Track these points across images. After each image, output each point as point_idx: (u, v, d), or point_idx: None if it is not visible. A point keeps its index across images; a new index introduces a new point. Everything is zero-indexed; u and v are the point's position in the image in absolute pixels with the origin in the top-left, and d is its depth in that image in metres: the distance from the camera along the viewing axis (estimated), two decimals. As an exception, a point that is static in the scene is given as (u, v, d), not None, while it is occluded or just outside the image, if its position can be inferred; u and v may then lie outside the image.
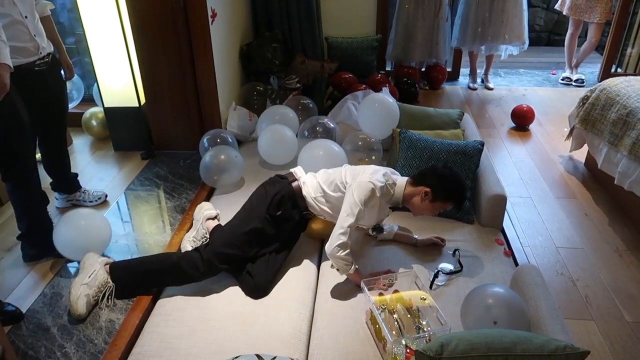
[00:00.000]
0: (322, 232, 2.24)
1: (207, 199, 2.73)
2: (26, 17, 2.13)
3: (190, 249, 2.12)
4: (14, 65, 2.10)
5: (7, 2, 2.05)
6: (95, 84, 3.27)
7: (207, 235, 2.21)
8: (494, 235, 2.29)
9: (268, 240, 2.04)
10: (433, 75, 4.74)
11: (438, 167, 2.01)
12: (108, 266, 2.03)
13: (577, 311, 2.20)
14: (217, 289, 1.98)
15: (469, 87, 4.82)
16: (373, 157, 2.79)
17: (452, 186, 1.92)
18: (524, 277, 1.79)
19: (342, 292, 1.95)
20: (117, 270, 2.02)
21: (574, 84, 4.87)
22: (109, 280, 2.00)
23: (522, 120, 4.02)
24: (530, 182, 3.22)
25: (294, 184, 2.09)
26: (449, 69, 4.92)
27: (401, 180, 1.98)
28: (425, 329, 1.67)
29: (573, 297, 2.27)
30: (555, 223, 2.80)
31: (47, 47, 2.30)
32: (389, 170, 2.02)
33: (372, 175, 1.92)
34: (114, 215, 2.69)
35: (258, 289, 1.95)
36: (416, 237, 2.18)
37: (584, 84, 4.82)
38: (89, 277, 1.97)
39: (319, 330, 1.80)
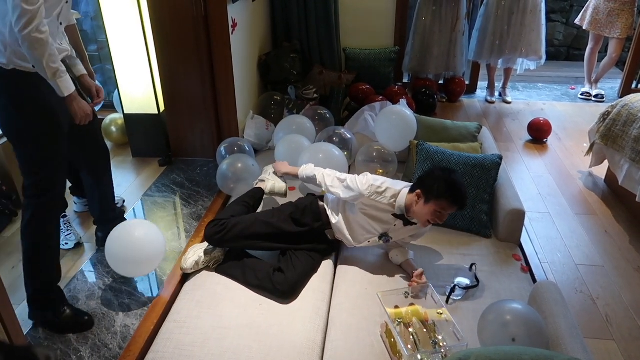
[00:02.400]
0: None
1: (223, 206, 2.74)
2: (61, 23, 2.15)
3: (197, 259, 2.12)
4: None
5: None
6: (116, 91, 3.32)
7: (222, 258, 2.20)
8: (511, 250, 2.26)
9: (287, 238, 2.11)
10: (451, 87, 4.73)
11: (427, 169, 1.97)
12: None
13: (597, 330, 2.15)
14: (232, 297, 1.98)
15: (487, 101, 4.80)
16: (391, 169, 2.78)
17: (440, 181, 1.85)
18: (542, 294, 1.76)
19: (357, 303, 1.93)
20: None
21: (593, 99, 4.82)
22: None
23: (539, 133, 3.99)
24: (549, 197, 3.18)
25: (321, 202, 2.19)
26: (466, 82, 4.90)
27: (405, 190, 1.96)
28: (441, 344, 1.65)
29: (593, 316, 2.23)
30: (575, 240, 2.75)
31: (68, 51, 2.32)
32: (391, 180, 2.02)
33: (370, 181, 1.98)
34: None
35: (290, 286, 1.95)
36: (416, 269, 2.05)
37: (604, 99, 4.76)
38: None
39: (333, 342, 1.79)
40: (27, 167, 1.91)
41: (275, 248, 2.14)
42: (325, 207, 2.18)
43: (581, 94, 4.91)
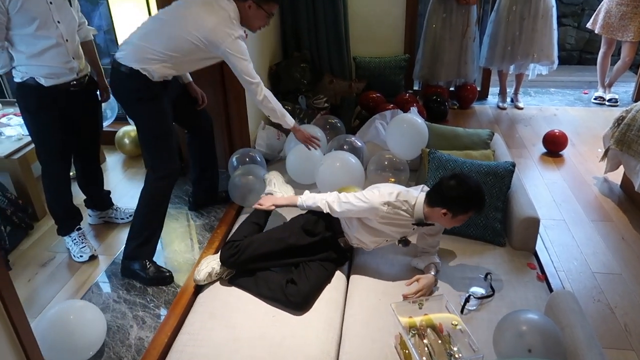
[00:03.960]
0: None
1: (236, 217, 2.75)
2: (67, 40, 2.22)
3: (210, 270, 2.12)
4: (51, 85, 2.18)
5: (51, 26, 2.14)
6: (129, 104, 3.35)
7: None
8: (526, 258, 2.23)
9: (300, 251, 2.10)
10: (463, 94, 4.70)
11: (445, 184, 1.91)
12: None
13: (615, 340, 2.11)
14: (245, 309, 1.98)
15: (499, 107, 4.77)
16: (403, 178, 2.77)
17: (465, 200, 1.88)
18: (559, 304, 1.73)
19: (371, 314, 1.92)
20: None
21: (607, 103, 4.76)
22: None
23: (555, 145, 3.84)
24: (564, 204, 3.14)
25: None
26: (478, 88, 4.87)
27: (420, 200, 1.96)
28: (456, 356, 1.63)
29: (611, 326, 2.19)
30: (591, 247, 2.71)
31: (84, 69, 2.38)
32: (404, 190, 2.00)
33: (384, 197, 1.95)
34: (144, 232, 2.73)
35: (302, 297, 1.95)
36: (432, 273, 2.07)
37: (618, 103, 4.71)
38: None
39: (346, 354, 1.77)
40: (149, 152, 2.39)
41: (289, 263, 2.12)
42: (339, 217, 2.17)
43: (594, 99, 4.86)
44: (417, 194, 1.98)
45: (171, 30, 2.16)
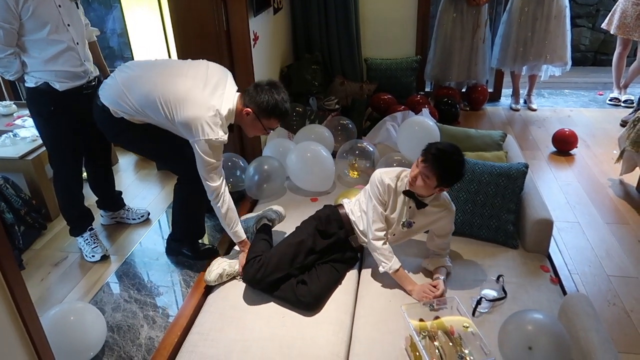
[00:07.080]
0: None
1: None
2: (77, 43, 2.24)
3: (221, 271, 2.13)
4: (65, 89, 2.22)
5: (62, 30, 2.16)
6: (141, 105, 3.38)
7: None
8: (539, 261, 2.20)
9: (317, 253, 2.10)
10: (474, 95, 4.67)
11: None
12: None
13: (631, 345, 2.07)
14: (254, 310, 1.98)
15: (512, 108, 4.72)
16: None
17: (428, 146, 1.92)
18: (573, 307, 1.70)
19: (381, 316, 1.90)
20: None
21: (622, 104, 4.69)
22: None
23: (564, 145, 3.82)
24: (578, 206, 3.09)
25: (342, 210, 2.21)
26: (490, 90, 4.83)
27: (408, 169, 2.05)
28: (468, 358, 1.61)
29: (627, 330, 2.14)
30: (606, 250, 2.66)
31: (94, 71, 2.40)
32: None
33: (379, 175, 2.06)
34: (156, 233, 2.74)
35: (313, 297, 1.95)
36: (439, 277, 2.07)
37: (634, 104, 4.63)
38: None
39: (357, 356, 1.76)
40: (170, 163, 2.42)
41: (307, 264, 2.09)
42: (349, 215, 2.17)
43: (610, 100, 4.79)
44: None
45: (153, 88, 1.99)
